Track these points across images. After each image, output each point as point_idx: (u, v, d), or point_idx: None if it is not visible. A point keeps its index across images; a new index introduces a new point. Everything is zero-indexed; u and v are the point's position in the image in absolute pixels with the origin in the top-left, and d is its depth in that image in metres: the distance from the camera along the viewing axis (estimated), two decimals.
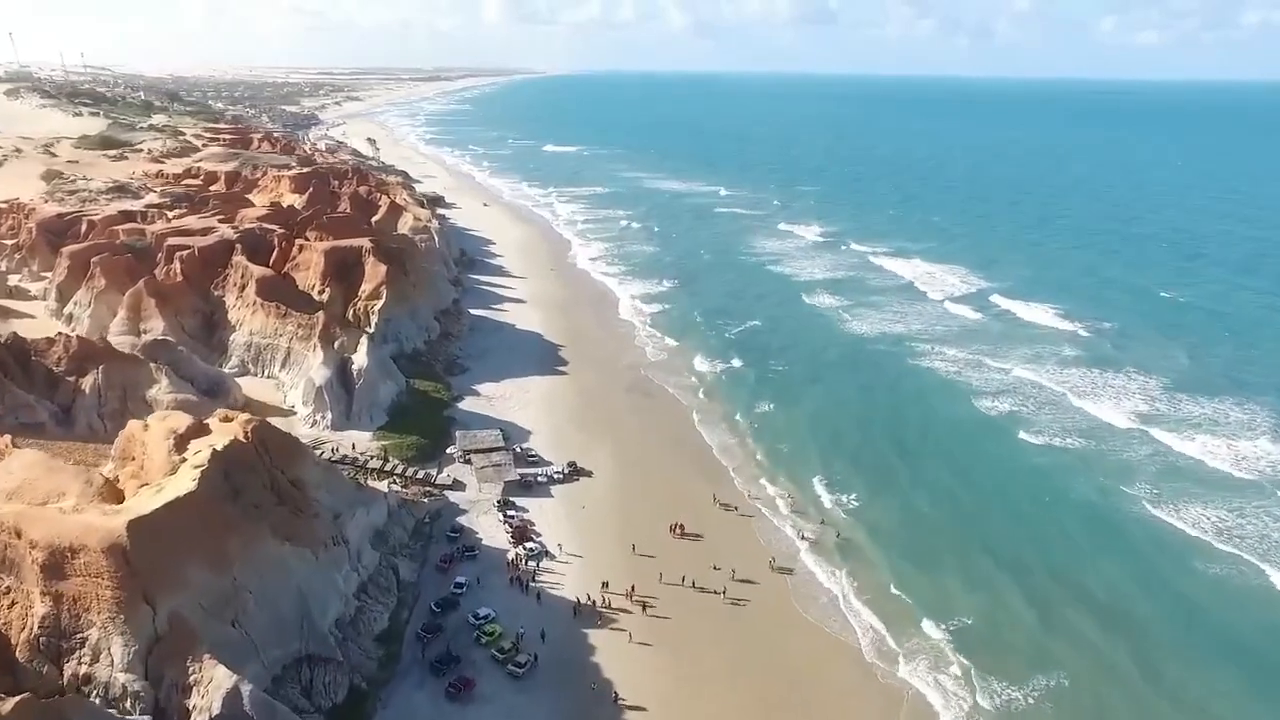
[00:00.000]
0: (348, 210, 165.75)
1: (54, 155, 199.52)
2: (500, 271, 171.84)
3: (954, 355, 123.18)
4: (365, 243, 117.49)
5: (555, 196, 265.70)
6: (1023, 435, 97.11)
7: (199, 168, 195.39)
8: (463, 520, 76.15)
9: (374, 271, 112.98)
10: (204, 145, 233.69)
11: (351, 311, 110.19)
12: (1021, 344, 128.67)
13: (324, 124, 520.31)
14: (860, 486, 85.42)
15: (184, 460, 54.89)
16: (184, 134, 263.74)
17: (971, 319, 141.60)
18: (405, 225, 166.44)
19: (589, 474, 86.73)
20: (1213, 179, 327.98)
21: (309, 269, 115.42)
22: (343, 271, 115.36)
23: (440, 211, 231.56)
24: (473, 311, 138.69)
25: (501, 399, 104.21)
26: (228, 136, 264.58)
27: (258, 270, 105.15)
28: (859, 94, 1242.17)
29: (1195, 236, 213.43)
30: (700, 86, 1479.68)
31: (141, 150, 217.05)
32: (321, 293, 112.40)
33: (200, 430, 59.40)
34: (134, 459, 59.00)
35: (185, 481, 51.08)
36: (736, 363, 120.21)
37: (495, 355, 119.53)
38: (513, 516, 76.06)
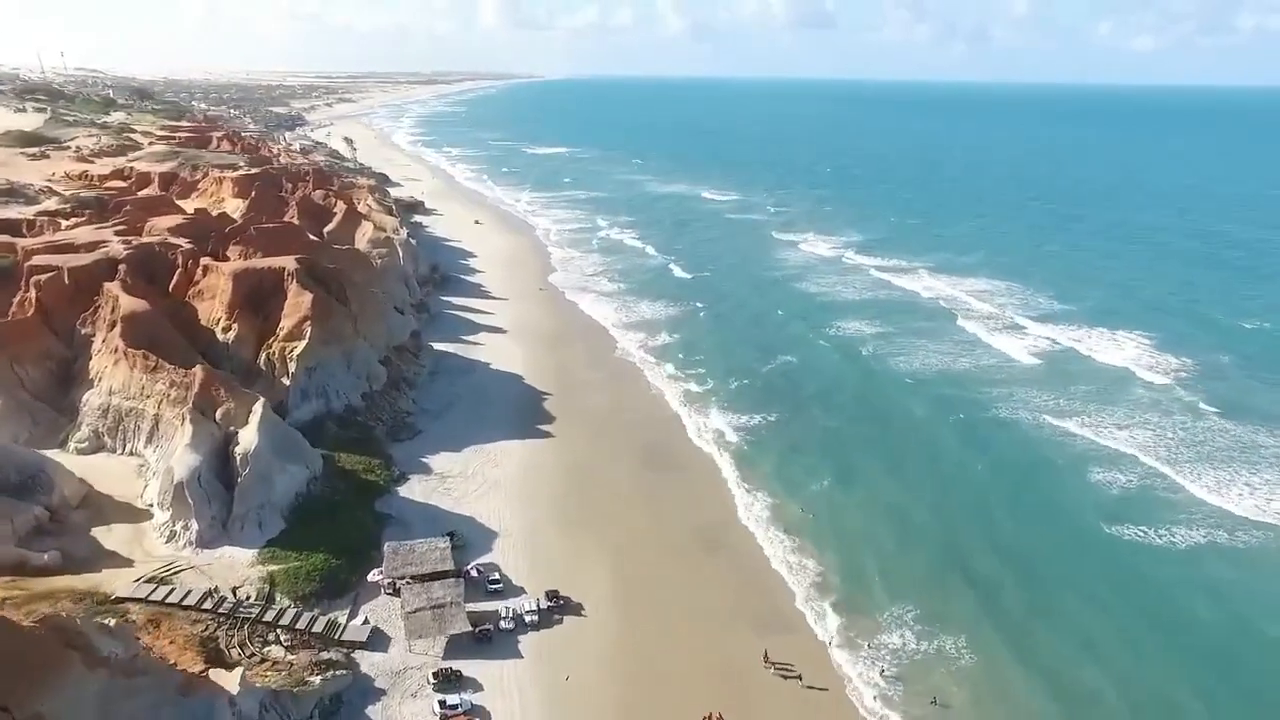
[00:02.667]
0: (295, 218, 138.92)
1: None
2: (478, 292, 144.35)
3: (1012, 408, 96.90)
4: (289, 263, 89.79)
5: (546, 202, 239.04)
6: (1132, 534, 70.81)
7: (131, 168, 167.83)
8: (374, 713, 48.60)
9: (296, 301, 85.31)
10: (151, 144, 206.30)
11: (264, 356, 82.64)
12: (1083, 387, 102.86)
13: (309, 125, 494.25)
14: (958, 623, 58.85)
15: None
16: (134, 131, 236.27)
17: (1019, 357, 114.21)
18: (364, 236, 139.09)
19: (578, 610, 59.26)
20: (1223, 183, 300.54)
21: (214, 298, 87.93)
22: (258, 301, 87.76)
23: (417, 218, 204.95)
24: (437, 346, 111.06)
25: (461, 478, 76.61)
26: (183, 135, 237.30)
27: (128, 302, 77.43)
28: (857, 97, 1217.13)
29: (1232, 245, 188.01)
30: (698, 91, 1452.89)
31: (69, 148, 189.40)
32: (227, 330, 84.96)
33: None
34: None
35: None
36: (772, 416, 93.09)
37: (460, 409, 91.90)
38: (455, 708, 48.44)
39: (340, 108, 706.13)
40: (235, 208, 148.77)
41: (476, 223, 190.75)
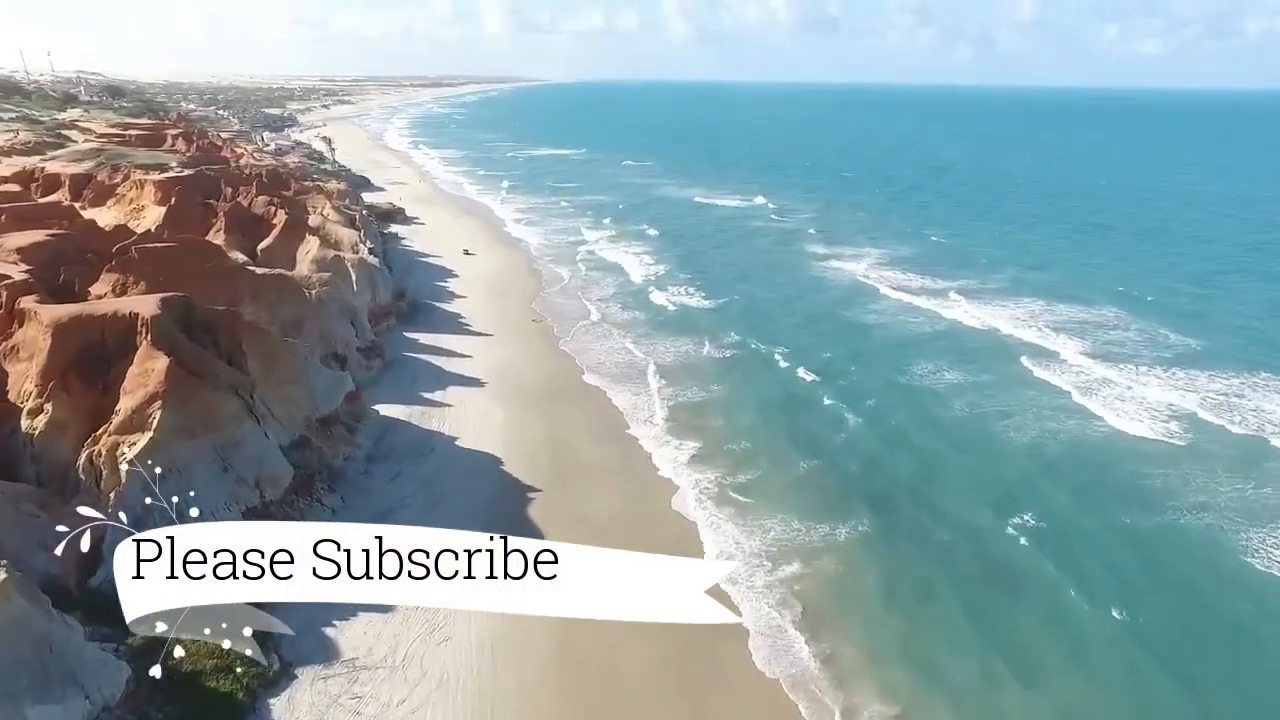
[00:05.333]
0: (220, 232, 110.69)
1: None
2: (454, 325, 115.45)
3: (1165, 520, 63.62)
4: (147, 306, 60.74)
5: (543, 209, 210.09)
6: None
7: (41, 169, 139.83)
8: None
9: (143, 370, 56.33)
10: (85, 141, 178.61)
11: (87, 457, 53.73)
12: (1244, 480, 70.24)
13: (299, 126, 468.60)
14: None
15: None
16: (74, 128, 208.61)
17: (1132, 428, 78.48)
18: (307, 255, 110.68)
19: None
20: (1266, 188, 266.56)
21: (30, 359, 59.16)
22: (95, 367, 58.80)
23: (394, 228, 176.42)
24: (385, 411, 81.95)
25: (383, 671, 47.01)
26: (133, 133, 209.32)
27: None
28: (862, 101, 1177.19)
29: None
30: (703, 94, 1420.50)
31: None
32: (36, 413, 56.14)
33: None
34: None
35: None
36: (864, 527, 63.34)
37: (400, 524, 62.92)
38: None
39: (338, 109, 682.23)
40: (157, 217, 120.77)
41: (467, 253, 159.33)
